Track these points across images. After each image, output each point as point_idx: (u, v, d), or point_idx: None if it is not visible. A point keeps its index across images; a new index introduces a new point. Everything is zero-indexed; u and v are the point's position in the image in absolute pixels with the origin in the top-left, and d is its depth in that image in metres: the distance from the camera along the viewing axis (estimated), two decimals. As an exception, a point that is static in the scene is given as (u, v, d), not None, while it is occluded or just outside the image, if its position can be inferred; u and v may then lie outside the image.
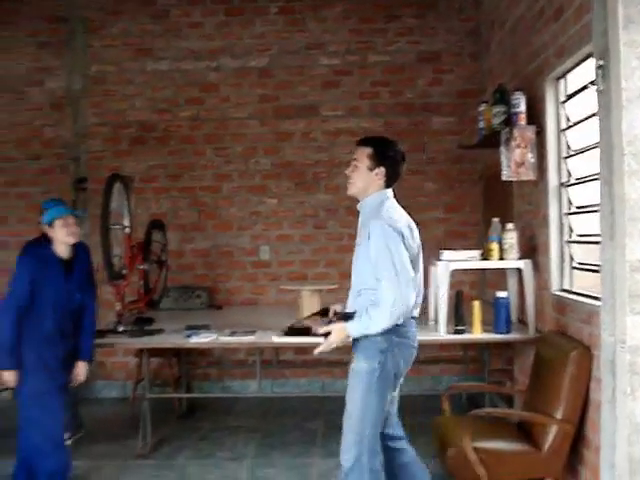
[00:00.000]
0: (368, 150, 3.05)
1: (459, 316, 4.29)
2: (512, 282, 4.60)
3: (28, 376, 3.53)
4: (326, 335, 2.99)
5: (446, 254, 4.42)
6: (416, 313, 3.13)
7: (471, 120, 5.82)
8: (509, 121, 4.26)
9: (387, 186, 3.11)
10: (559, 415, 3.10)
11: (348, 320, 3.00)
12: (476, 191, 5.85)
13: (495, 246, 4.34)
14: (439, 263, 4.36)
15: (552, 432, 3.10)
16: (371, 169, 3.04)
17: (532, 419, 3.21)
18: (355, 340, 3.01)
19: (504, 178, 4.18)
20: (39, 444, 3.55)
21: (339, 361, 4.76)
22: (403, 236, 2.97)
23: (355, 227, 5.87)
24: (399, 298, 2.87)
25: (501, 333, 4.26)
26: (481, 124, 4.72)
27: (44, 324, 3.58)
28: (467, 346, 5.39)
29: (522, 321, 4.46)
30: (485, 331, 4.24)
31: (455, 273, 4.34)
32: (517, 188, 4.77)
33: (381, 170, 3.05)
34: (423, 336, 4.36)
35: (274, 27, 5.95)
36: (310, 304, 4.48)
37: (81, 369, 3.82)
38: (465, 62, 5.87)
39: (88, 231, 5.87)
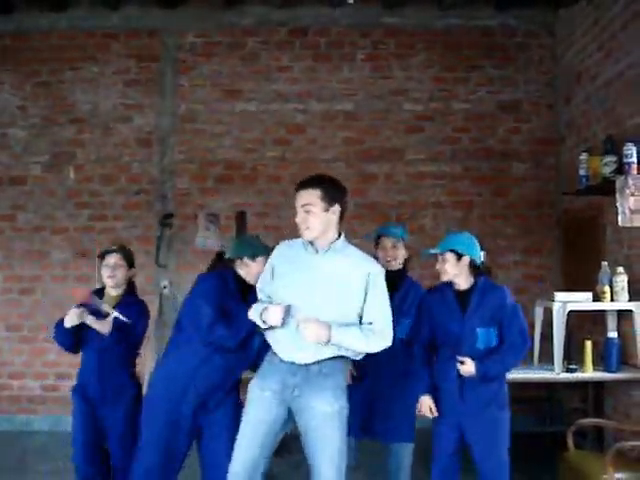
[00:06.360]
0: (317, 192, 2.96)
1: (571, 355, 4.49)
2: (611, 324, 4.81)
3: None
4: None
5: (561, 295, 4.61)
6: None
7: (549, 167, 6.09)
8: (620, 170, 4.51)
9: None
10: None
11: None
12: (553, 236, 6.04)
13: (607, 289, 4.55)
14: (555, 304, 4.53)
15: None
16: (326, 210, 2.96)
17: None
18: (314, 380, 2.93)
19: (621, 224, 4.37)
20: None
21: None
22: None
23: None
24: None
25: (612, 372, 4.47)
26: (582, 172, 4.94)
27: None
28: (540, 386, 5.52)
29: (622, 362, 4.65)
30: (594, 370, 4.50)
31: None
32: (614, 233, 4.97)
33: (336, 208, 2.99)
34: (535, 374, 4.54)
35: (360, 73, 6.12)
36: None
37: None
38: (542, 112, 6.10)
39: (174, 267, 5.96)
